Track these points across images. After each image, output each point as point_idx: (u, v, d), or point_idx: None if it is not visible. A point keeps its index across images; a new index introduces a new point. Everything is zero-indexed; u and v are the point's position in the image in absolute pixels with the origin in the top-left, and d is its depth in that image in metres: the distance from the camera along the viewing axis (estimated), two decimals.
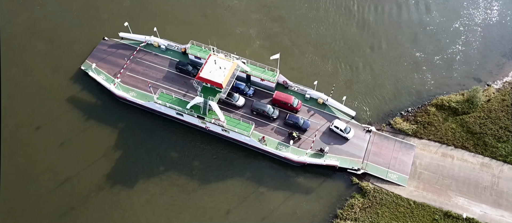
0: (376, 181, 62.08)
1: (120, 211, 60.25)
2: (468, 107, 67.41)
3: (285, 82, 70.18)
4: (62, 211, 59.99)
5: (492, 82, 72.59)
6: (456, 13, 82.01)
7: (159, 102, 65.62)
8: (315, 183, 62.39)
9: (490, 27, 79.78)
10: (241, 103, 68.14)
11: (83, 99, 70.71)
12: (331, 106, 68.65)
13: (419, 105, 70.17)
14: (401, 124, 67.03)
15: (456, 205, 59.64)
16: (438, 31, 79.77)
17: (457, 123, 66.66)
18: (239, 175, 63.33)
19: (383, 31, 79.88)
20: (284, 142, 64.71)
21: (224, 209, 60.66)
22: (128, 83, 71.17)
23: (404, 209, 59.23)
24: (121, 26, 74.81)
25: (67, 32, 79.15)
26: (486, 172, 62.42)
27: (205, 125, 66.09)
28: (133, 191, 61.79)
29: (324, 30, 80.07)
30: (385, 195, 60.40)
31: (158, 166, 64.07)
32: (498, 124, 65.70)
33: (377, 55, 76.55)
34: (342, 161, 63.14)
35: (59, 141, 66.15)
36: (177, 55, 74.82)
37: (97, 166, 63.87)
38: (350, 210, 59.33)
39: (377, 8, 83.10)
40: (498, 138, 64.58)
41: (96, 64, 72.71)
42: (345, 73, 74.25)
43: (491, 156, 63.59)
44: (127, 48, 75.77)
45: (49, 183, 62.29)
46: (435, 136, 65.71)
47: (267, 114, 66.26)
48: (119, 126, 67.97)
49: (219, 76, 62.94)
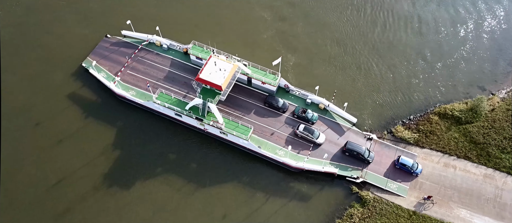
0: (376, 191, 60.98)
1: (116, 212, 59.62)
2: (471, 116, 66.14)
3: (286, 86, 69.32)
4: (58, 210, 59.47)
5: (496, 91, 71.29)
6: (461, 21, 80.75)
7: (158, 102, 65.03)
8: (313, 190, 61.41)
9: (495, 35, 78.49)
10: (321, 140, 63.49)
11: (83, 96, 70.28)
12: (332, 112, 67.67)
13: (421, 113, 68.99)
14: (402, 133, 65.88)
15: (458, 217, 58.42)
16: (442, 39, 78.56)
17: (460, 133, 65.42)
18: (236, 179, 62.50)
19: (386, 38, 78.75)
20: None
21: (220, 213, 59.85)
22: (129, 82, 70.67)
23: (405, 220, 58.09)
24: (123, 24, 74.43)
25: (69, 28, 78.83)
26: (489, 183, 61.15)
27: (203, 127, 65.40)
28: (129, 192, 61.17)
29: (326, 36, 79.13)
30: (385, 205, 59.30)
31: (155, 168, 63.43)
32: (502, 135, 64.39)
33: (379, 62, 75.42)
34: (341, 168, 62.11)
35: (58, 138, 65.73)
36: (179, 55, 74.23)
37: (95, 165, 63.35)
38: (349, 220, 58.25)
39: (380, 15, 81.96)
40: (502, 149, 63.30)
41: (97, 62, 72.33)
42: (347, 79, 73.22)
43: (495, 167, 62.32)
44: (129, 46, 75.33)
45: (46, 181, 61.81)
46: (438, 145, 64.50)
47: (362, 157, 61.30)
48: (118, 124, 67.46)
49: (219, 78, 62.21)
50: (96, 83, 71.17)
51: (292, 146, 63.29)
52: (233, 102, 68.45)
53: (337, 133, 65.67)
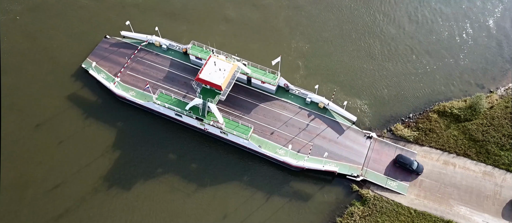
0: (376, 189, 61.18)
1: (116, 212, 59.65)
2: (470, 114, 66.43)
3: (286, 85, 69.44)
4: (58, 211, 59.47)
5: (495, 89, 71.59)
6: (459, 19, 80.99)
7: (158, 102, 65.03)
8: (313, 189, 61.57)
9: (494, 33, 78.77)
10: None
11: (83, 97, 70.24)
12: (332, 111, 67.85)
13: (420, 112, 69.23)
14: (402, 131, 66.11)
15: (458, 214, 58.69)
16: (441, 37, 78.79)
17: (459, 130, 65.69)
18: (236, 179, 62.60)
19: (386, 37, 78.96)
20: None
21: (221, 213, 59.93)
22: (128, 82, 70.64)
23: (405, 217, 58.32)
24: (123, 25, 74.34)
25: (68, 29, 78.73)
26: (489, 180, 61.44)
27: (203, 127, 65.44)
28: (129, 193, 61.20)
29: (327, 34, 79.32)
30: (385, 203, 59.51)
31: (156, 168, 63.45)
32: (501, 132, 64.70)
33: (379, 61, 75.62)
34: (341, 167, 62.28)
35: (58, 140, 65.72)
36: (178, 55, 74.25)
37: (95, 165, 63.35)
38: (350, 218, 58.46)
39: (381, 15, 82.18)
40: (501, 146, 63.59)
41: (97, 63, 72.28)
42: (347, 78, 73.39)
43: (494, 164, 62.63)
44: (128, 47, 75.29)
45: (46, 181, 61.80)
46: (437, 143, 64.76)
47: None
48: (118, 125, 67.44)
49: (219, 78, 62.28)
50: (96, 84, 71.14)
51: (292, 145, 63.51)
52: (233, 102, 68.54)
53: (337, 131, 65.84)
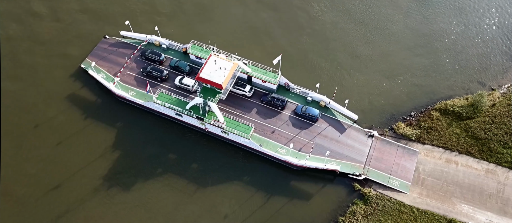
0: (379, 188, 60.80)
1: (117, 213, 59.25)
2: (472, 112, 66.07)
3: (286, 84, 69.09)
4: (58, 212, 59.06)
5: (497, 87, 71.26)
6: (462, 17, 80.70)
7: (158, 102, 64.70)
8: (315, 188, 61.19)
9: (495, 30, 78.47)
10: None
11: (83, 97, 69.87)
12: (333, 109, 67.50)
13: (422, 110, 68.86)
14: (404, 129, 65.74)
15: (461, 212, 58.30)
16: (442, 34, 78.48)
17: (462, 128, 65.33)
18: (237, 178, 62.22)
19: (387, 35, 78.65)
20: None
21: (222, 213, 59.55)
22: (128, 82, 70.30)
23: (407, 216, 57.93)
24: (122, 24, 74.03)
25: (68, 29, 78.40)
26: (491, 179, 61.05)
27: (204, 126, 65.08)
28: (129, 193, 60.81)
29: (327, 33, 79.01)
30: (387, 202, 59.12)
31: (156, 168, 63.08)
32: (503, 130, 64.33)
33: (380, 59, 75.31)
34: (343, 166, 61.91)
35: (57, 140, 65.32)
36: (178, 55, 73.92)
37: (95, 166, 62.95)
38: (352, 217, 58.05)
39: (382, 12, 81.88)
40: (504, 144, 63.23)
41: (96, 63, 71.92)
42: (347, 76, 73.04)
43: (497, 162, 62.26)
44: (128, 47, 74.96)
45: (46, 182, 61.38)
46: (439, 141, 64.38)
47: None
48: (118, 125, 67.07)
49: (219, 77, 61.95)
50: (96, 84, 70.80)
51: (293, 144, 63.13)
52: (234, 101, 68.19)
53: (338, 130, 65.48)
